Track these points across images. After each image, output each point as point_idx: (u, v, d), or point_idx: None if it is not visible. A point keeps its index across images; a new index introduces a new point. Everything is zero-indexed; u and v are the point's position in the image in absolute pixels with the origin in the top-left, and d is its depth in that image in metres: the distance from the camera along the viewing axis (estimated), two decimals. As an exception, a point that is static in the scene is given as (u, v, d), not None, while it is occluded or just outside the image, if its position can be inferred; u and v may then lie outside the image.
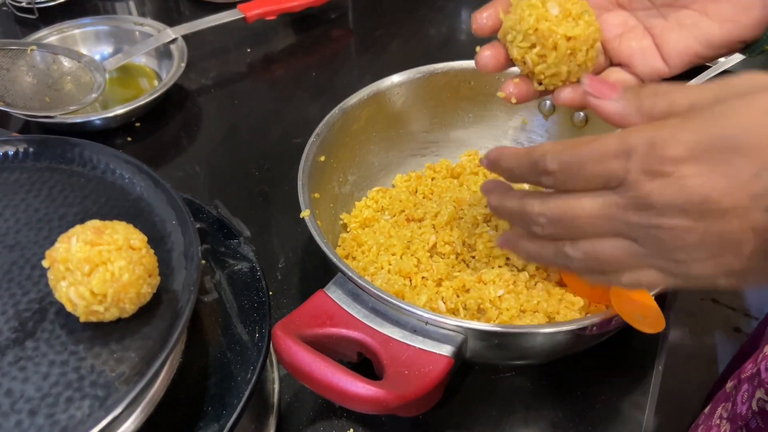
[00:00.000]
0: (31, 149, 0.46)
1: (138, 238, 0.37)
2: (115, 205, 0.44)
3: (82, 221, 0.39)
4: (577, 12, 0.41)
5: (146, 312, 0.38)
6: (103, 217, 0.40)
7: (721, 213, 0.30)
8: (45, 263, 0.36)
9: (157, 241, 0.41)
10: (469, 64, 0.63)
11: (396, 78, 0.62)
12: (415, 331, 0.46)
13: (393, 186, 0.65)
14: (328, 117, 0.59)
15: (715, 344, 0.79)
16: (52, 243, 0.37)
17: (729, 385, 0.48)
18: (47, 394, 0.34)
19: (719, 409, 0.48)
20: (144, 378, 0.35)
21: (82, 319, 0.36)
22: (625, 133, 0.32)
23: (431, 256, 0.56)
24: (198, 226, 0.44)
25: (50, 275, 0.36)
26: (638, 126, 0.33)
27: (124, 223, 0.37)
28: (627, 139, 0.32)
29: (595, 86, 0.37)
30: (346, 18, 0.92)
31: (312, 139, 0.57)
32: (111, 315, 0.36)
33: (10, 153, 0.46)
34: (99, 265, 0.35)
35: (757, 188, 0.29)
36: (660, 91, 0.34)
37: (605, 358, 0.54)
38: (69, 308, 0.36)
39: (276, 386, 0.52)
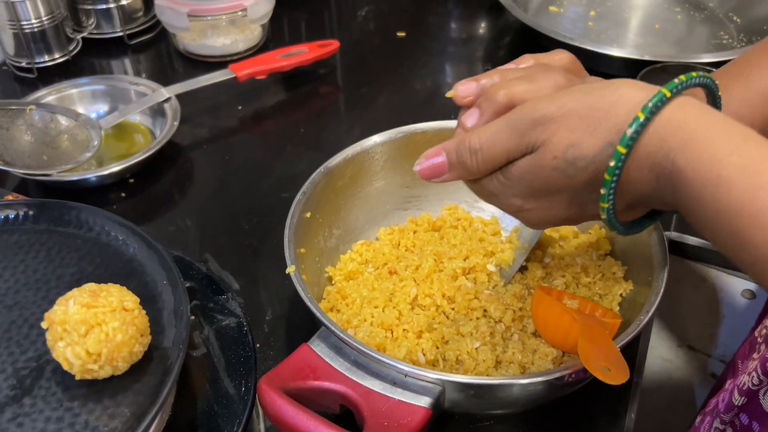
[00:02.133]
0: (30, 212, 0.49)
1: (131, 300, 0.39)
2: (110, 266, 0.46)
3: (78, 282, 0.41)
4: None
5: (138, 369, 0.40)
6: (99, 277, 0.42)
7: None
8: (44, 324, 0.38)
9: (148, 300, 0.44)
10: (447, 123, 0.66)
11: (378, 138, 0.66)
12: (395, 383, 0.48)
13: (377, 239, 0.68)
14: (313, 175, 0.62)
15: (692, 390, 0.81)
16: (49, 303, 0.40)
17: (697, 420, 0.51)
18: (43, 450, 0.36)
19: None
20: (135, 432, 0.37)
21: (77, 377, 0.38)
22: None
23: (412, 308, 0.58)
24: (188, 284, 0.46)
25: (48, 336, 0.38)
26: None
27: (118, 286, 0.40)
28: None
29: (424, 172, 0.45)
30: (334, 75, 0.96)
31: (298, 197, 0.60)
32: (105, 373, 0.38)
33: (11, 216, 0.49)
34: (94, 326, 0.37)
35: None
36: (473, 150, 0.41)
37: (581, 405, 0.56)
38: (66, 367, 0.38)
39: (262, 437, 0.54)
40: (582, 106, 0.38)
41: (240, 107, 0.89)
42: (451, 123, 0.66)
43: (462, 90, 0.46)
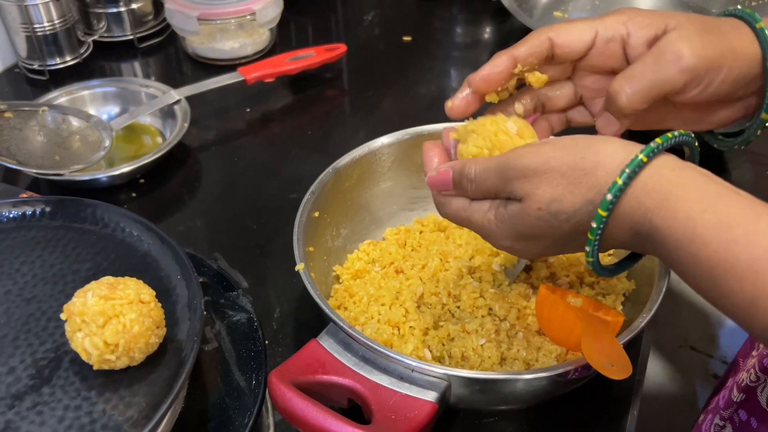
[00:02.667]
0: (47, 209, 0.50)
1: (147, 293, 0.40)
2: (125, 261, 0.47)
3: (94, 276, 0.42)
4: (528, 135, 0.47)
5: (153, 360, 0.41)
6: (114, 272, 0.43)
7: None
8: (63, 316, 0.39)
9: (163, 294, 0.45)
10: (453, 126, 0.67)
11: (385, 139, 0.67)
12: (401, 378, 0.49)
13: (383, 239, 0.69)
14: (322, 176, 0.63)
15: (694, 390, 0.82)
16: (66, 297, 0.41)
17: (699, 419, 0.52)
18: (62, 437, 0.37)
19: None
20: (151, 422, 0.38)
21: (95, 368, 0.39)
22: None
23: (418, 307, 0.60)
24: (200, 280, 0.47)
25: (67, 327, 0.39)
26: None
27: (134, 279, 0.41)
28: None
29: (434, 184, 0.47)
30: (340, 79, 0.98)
31: (307, 196, 0.61)
32: (121, 363, 0.39)
33: (28, 213, 0.50)
34: (112, 317, 0.38)
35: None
36: (469, 179, 0.44)
37: (585, 403, 0.57)
38: (84, 357, 0.39)
39: None
40: (564, 165, 0.40)
41: (248, 110, 0.91)
42: (458, 125, 0.67)
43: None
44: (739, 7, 0.47)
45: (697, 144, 0.43)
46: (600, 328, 0.50)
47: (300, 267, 0.55)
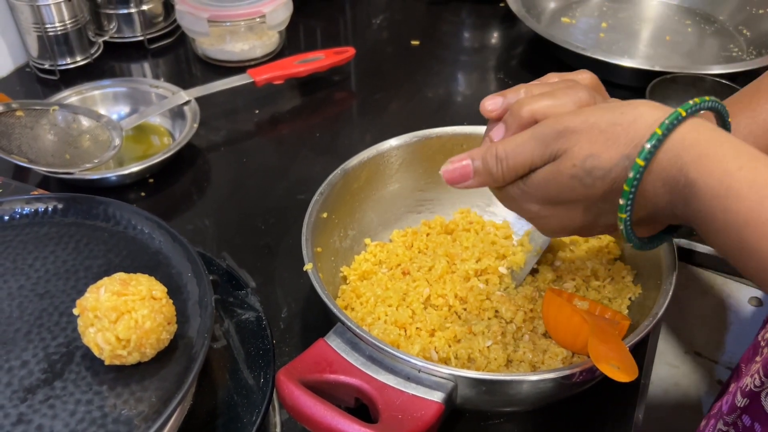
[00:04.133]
0: (59, 206, 0.51)
1: (159, 289, 0.41)
2: (136, 258, 0.48)
3: (106, 273, 0.43)
4: None
5: (164, 357, 0.41)
6: (125, 268, 0.44)
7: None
8: (75, 311, 0.40)
9: (174, 291, 0.45)
10: (461, 129, 0.68)
11: (394, 141, 0.67)
12: (408, 378, 0.49)
13: (390, 241, 0.69)
14: (330, 177, 0.64)
15: (699, 396, 0.82)
16: (78, 292, 0.41)
17: (702, 424, 0.52)
18: (74, 430, 0.38)
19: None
20: (161, 417, 0.38)
21: (106, 362, 0.40)
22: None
23: (425, 308, 0.60)
24: (210, 278, 0.48)
25: (80, 322, 0.40)
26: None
27: (146, 276, 0.42)
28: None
29: (450, 176, 0.46)
30: (348, 81, 0.98)
31: (315, 197, 0.62)
32: (133, 359, 0.40)
33: (41, 209, 0.51)
34: (124, 313, 0.39)
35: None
36: (500, 158, 0.43)
37: (589, 406, 0.57)
38: (96, 352, 0.40)
39: (278, 430, 0.55)
40: (603, 121, 0.40)
41: (257, 111, 0.91)
42: (466, 129, 0.68)
43: (489, 104, 0.48)
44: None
45: (729, 116, 0.43)
46: (606, 330, 0.51)
47: (308, 267, 0.55)
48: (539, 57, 1.02)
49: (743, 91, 0.54)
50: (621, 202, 0.40)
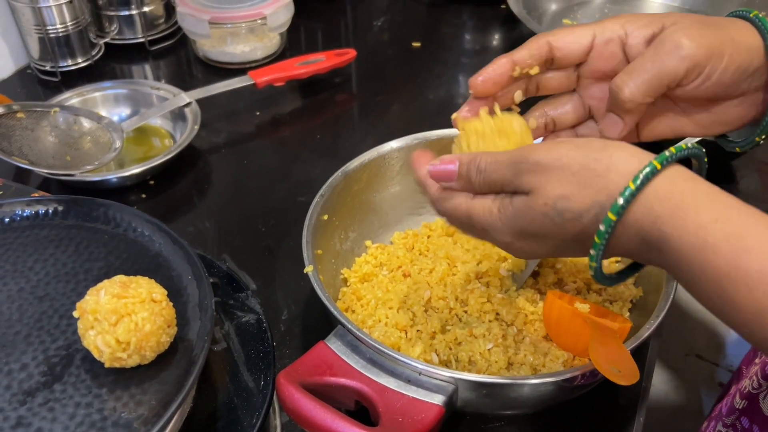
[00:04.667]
0: (60, 208, 0.51)
1: (159, 292, 0.41)
2: (136, 260, 0.48)
3: (106, 275, 0.43)
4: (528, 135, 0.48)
5: (164, 359, 0.41)
6: (126, 271, 0.44)
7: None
8: (75, 313, 0.40)
9: (174, 294, 0.45)
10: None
11: (395, 144, 0.67)
12: (409, 381, 0.49)
13: (391, 243, 0.69)
14: (331, 179, 0.64)
15: (700, 399, 0.82)
16: (78, 295, 0.41)
17: (703, 426, 0.52)
18: (73, 434, 0.38)
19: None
20: (161, 420, 0.38)
21: (106, 365, 0.40)
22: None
23: (426, 311, 0.60)
24: (210, 280, 0.48)
25: (80, 324, 0.40)
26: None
27: (146, 278, 0.42)
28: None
29: (436, 173, 0.46)
30: (349, 83, 0.98)
31: (316, 199, 0.62)
32: (133, 362, 0.40)
33: (41, 212, 0.51)
34: (124, 316, 0.39)
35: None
36: (480, 170, 0.43)
37: (591, 409, 0.57)
38: (96, 355, 0.39)
39: (278, 433, 0.55)
40: (576, 164, 0.40)
41: (258, 113, 0.91)
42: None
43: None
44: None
45: (706, 159, 0.43)
46: (607, 334, 0.51)
47: (309, 269, 0.55)
48: (540, 59, 1.01)
49: None
50: (592, 252, 0.40)
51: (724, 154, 0.56)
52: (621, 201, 0.38)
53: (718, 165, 0.59)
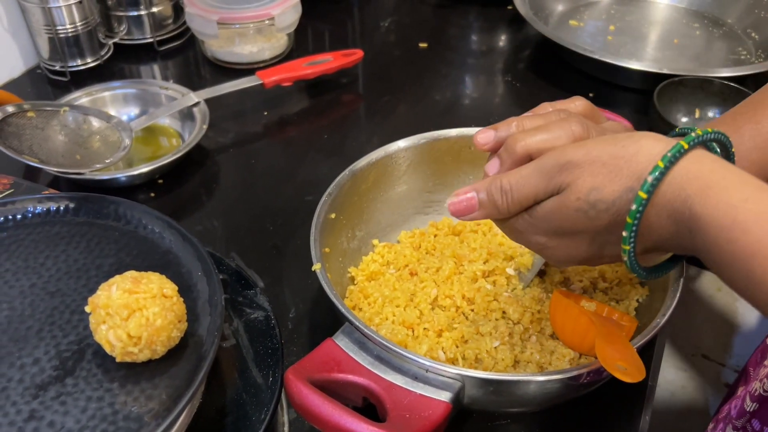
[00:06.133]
0: (71, 205, 0.51)
1: (170, 287, 0.41)
2: (147, 257, 0.48)
3: (117, 271, 0.43)
4: None
5: (174, 354, 0.42)
6: (136, 267, 0.44)
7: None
8: (87, 308, 0.40)
9: (184, 290, 0.46)
10: (469, 130, 0.68)
11: (402, 143, 0.68)
12: (416, 378, 0.49)
13: (398, 242, 0.69)
14: (339, 178, 0.64)
15: (706, 399, 0.82)
16: (90, 291, 0.42)
17: (710, 427, 0.52)
18: (85, 427, 0.38)
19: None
20: (171, 414, 0.39)
21: (117, 360, 0.40)
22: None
23: (433, 309, 0.60)
24: (220, 277, 0.48)
25: (91, 319, 0.40)
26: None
27: (158, 274, 0.42)
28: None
29: (455, 208, 0.46)
30: (356, 84, 0.99)
31: (324, 198, 0.62)
32: (144, 356, 0.40)
33: (53, 208, 0.51)
34: (136, 311, 0.39)
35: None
36: (504, 191, 0.44)
37: (596, 407, 0.57)
38: (107, 349, 0.40)
39: (286, 429, 0.56)
40: (605, 154, 0.41)
41: (265, 113, 0.92)
42: (473, 131, 0.68)
43: (481, 138, 0.49)
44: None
45: (733, 149, 0.43)
46: (613, 332, 0.51)
47: (317, 267, 0.56)
48: (547, 60, 1.02)
49: (746, 102, 0.54)
50: (624, 234, 0.41)
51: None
52: (650, 179, 0.38)
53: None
